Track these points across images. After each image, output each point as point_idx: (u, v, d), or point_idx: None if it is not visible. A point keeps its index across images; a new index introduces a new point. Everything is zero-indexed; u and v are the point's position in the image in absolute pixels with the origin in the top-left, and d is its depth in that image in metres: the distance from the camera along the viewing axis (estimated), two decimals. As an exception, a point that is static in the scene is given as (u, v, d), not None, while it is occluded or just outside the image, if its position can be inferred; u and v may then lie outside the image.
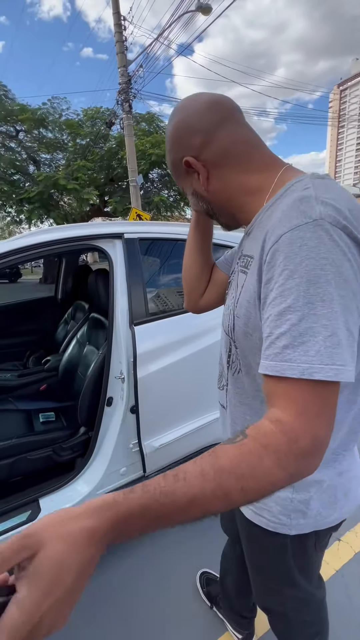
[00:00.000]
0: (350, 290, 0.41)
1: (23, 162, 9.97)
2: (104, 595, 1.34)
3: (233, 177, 0.56)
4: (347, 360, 0.40)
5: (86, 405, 1.49)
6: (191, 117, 0.55)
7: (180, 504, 0.36)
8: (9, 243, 1.21)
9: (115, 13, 7.06)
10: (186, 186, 0.62)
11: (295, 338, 0.41)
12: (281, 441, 0.38)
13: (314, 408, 0.40)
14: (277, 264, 0.43)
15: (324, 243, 0.41)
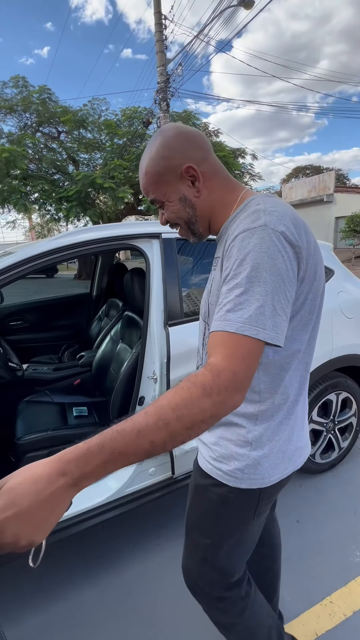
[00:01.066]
0: (281, 278, 0.55)
1: (63, 162, 10.38)
2: (114, 606, 1.36)
3: (218, 191, 0.70)
4: (267, 326, 0.53)
5: (118, 403, 1.51)
6: (193, 135, 0.68)
7: (129, 437, 0.45)
8: (54, 241, 1.25)
9: (156, 12, 7.11)
10: (173, 192, 0.69)
11: (237, 305, 0.54)
12: (206, 376, 0.50)
13: (239, 352, 0.52)
14: (232, 255, 0.58)
15: (265, 242, 0.56)
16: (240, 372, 0.51)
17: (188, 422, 0.47)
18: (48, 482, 0.42)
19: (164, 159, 0.67)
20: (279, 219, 0.58)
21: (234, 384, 0.50)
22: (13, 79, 9.78)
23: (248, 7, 6.95)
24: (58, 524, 1.14)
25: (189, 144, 0.67)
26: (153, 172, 0.68)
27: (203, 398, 0.48)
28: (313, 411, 1.80)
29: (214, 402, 0.48)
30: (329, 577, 1.37)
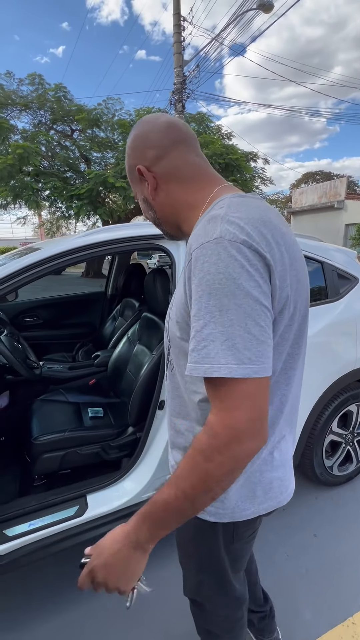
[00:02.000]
0: (250, 298, 0.47)
1: (76, 160, 10.40)
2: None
3: (178, 192, 0.63)
4: (242, 360, 0.46)
5: (137, 406, 1.47)
6: (151, 132, 0.62)
7: (161, 509, 0.51)
8: (82, 238, 1.23)
9: (175, 14, 7.12)
10: (138, 192, 0.68)
11: (199, 342, 0.48)
12: (203, 440, 0.48)
13: (232, 402, 0.47)
14: (194, 275, 0.50)
15: (222, 259, 0.47)
16: (239, 423, 0.47)
17: (201, 489, 0.49)
18: (119, 543, 0.54)
19: (127, 158, 0.66)
20: (240, 227, 0.48)
21: (236, 438, 0.47)
22: (30, 76, 9.84)
23: (267, 10, 6.93)
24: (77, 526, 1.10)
25: (142, 141, 0.63)
26: (126, 170, 0.68)
27: (206, 464, 0.48)
28: (333, 422, 1.76)
29: (220, 463, 0.47)
30: (350, 596, 1.32)
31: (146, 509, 0.52)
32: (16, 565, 1.16)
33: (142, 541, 0.53)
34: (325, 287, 1.67)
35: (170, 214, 0.66)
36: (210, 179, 0.64)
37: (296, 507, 1.75)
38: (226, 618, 0.84)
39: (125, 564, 0.54)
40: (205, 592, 0.80)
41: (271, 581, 1.37)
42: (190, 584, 0.82)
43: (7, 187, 8.73)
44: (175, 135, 0.63)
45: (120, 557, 0.54)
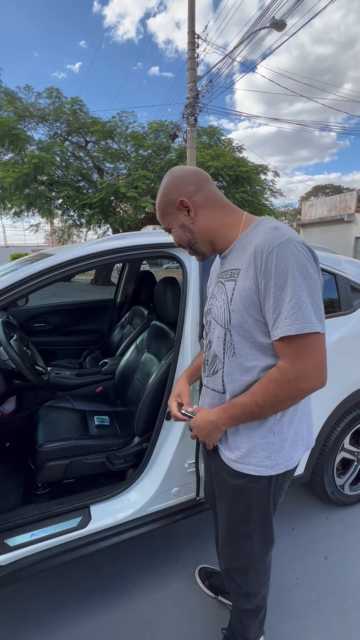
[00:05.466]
0: (312, 279, 0.71)
1: (89, 170, 10.65)
2: (107, 595, 1.27)
3: (216, 215, 0.83)
4: (313, 320, 0.69)
5: (144, 416, 1.44)
6: (185, 174, 0.83)
7: (237, 407, 0.80)
8: (94, 245, 1.23)
9: (190, 32, 7.33)
10: (175, 220, 0.85)
11: (290, 310, 0.69)
12: (277, 376, 0.74)
13: (304, 353, 0.71)
14: (271, 270, 0.71)
15: (294, 252, 0.70)
16: (307, 367, 0.71)
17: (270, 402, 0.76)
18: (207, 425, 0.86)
19: (164, 196, 0.84)
20: (295, 234, 0.74)
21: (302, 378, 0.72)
22: (47, 90, 10.20)
23: (280, 29, 7.09)
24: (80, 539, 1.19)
25: (181, 181, 0.82)
26: (159, 206, 0.86)
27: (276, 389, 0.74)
28: (345, 439, 1.70)
29: (286, 391, 0.73)
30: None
31: (227, 405, 0.82)
32: (16, 577, 1.13)
33: (219, 424, 0.84)
34: (338, 299, 1.64)
35: (207, 234, 0.84)
36: (235, 208, 0.86)
37: (306, 527, 1.68)
38: (267, 569, 1.03)
39: (211, 433, 0.87)
40: (255, 547, 0.95)
41: (280, 606, 1.31)
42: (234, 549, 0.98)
43: (21, 195, 8.96)
44: (203, 175, 0.84)
45: (207, 428, 0.86)
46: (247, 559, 0.97)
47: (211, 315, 0.87)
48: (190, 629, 1.24)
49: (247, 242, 0.78)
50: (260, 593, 1.03)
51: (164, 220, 0.87)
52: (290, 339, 0.70)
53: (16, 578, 1.13)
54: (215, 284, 0.89)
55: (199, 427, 0.88)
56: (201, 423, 0.87)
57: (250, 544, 0.94)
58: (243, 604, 1.06)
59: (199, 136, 10.37)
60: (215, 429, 0.85)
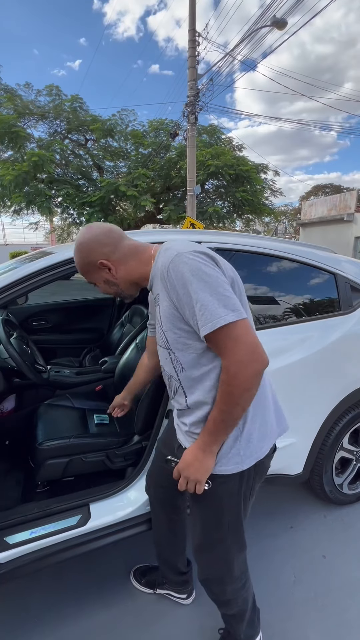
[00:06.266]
0: (210, 277, 0.75)
1: (89, 168, 10.63)
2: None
3: (134, 262, 0.91)
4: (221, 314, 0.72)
5: (143, 414, 1.44)
6: (99, 236, 0.89)
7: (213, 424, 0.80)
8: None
9: (190, 30, 7.31)
10: (98, 278, 0.93)
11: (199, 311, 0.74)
12: (224, 378, 0.77)
13: (232, 343, 0.74)
14: (174, 284, 0.77)
15: (185, 263, 0.76)
16: (241, 355, 0.73)
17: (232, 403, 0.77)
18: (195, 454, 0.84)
19: (83, 259, 0.90)
20: (184, 246, 0.80)
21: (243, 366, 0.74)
22: (47, 87, 10.16)
23: (281, 27, 7.07)
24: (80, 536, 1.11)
25: (96, 244, 0.88)
26: (79, 266, 0.93)
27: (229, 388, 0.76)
28: (344, 438, 1.71)
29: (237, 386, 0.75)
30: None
31: (206, 427, 0.82)
32: (15, 574, 1.13)
33: (207, 446, 0.82)
34: (338, 299, 1.64)
35: (130, 280, 0.92)
36: (143, 245, 0.93)
37: (304, 526, 1.69)
38: (243, 574, 1.03)
39: (198, 461, 0.83)
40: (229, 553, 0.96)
41: (278, 604, 1.32)
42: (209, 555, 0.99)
43: (21, 193, 8.93)
44: (116, 234, 0.91)
45: (195, 457, 0.83)
46: (222, 566, 0.98)
47: (158, 341, 0.91)
48: (189, 626, 1.25)
49: (155, 270, 0.86)
50: (240, 597, 1.03)
51: (87, 277, 0.94)
52: (213, 337, 0.74)
53: (15, 575, 1.13)
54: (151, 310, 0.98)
55: (186, 462, 0.85)
56: (189, 455, 0.84)
57: (223, 549, 0.95)
58: (226, 611, 1.07)
59: (199, 135, 10.35)
60: (202, 456, 0.82)
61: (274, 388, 1.00)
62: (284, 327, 1.51)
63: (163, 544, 1.27)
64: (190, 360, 0.83)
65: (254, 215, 11.60)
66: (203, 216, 9.91)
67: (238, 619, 1.07)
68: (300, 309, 1.60)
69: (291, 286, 1.62)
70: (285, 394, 1.48)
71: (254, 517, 1.69)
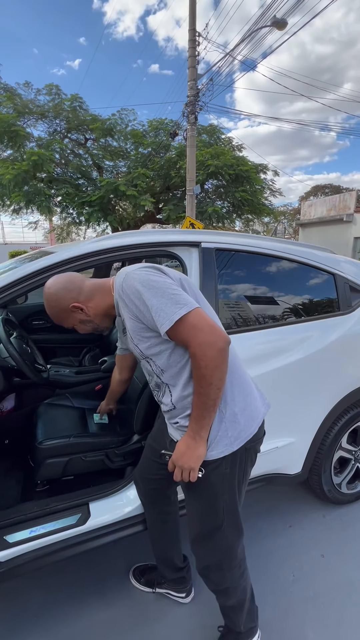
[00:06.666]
0: (157, 283, 0.85)
1: (88, 167, 10.60)
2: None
3: (100, 296, 1.00)
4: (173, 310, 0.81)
5: (143, 414, 1.45)
6: (64, 284, 1.00)
7: (197, 410, 0.86)
8: (94, 244, 1.23)
9: (190, 29, 7.30)
10: (73, 320, 1.02)
11: (156, 314, 0.83)
12: (193, 362, 0.84)
13: (191, 333, 0.82)
14: (131, 299, 0.87)
15: (134, 278, 0.87)
16: (200, 338, 0.81)
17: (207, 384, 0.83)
18: (188, 442, 0.89)
19: (54, 308, 1.00)
20: (132, 267, 0.91)
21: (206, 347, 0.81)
22: (47, 86, 10.12)
23: (281, 28, 7.07)
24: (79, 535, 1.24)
25: (63, 291, 0.98)
26: (54, 316, 1.02)
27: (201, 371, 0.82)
28: (342, 438, 1.71)
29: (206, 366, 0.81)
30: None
31: (191, 415, 0.88)
32: (15, 573, 1.13)
33: (196, 433, 0.87)
34: (337, 299, 1.65)
35: (100, 314, 1.02)
36: (103, 280, 1.03)
37: (303, 525, 1.70)
38: (240, 561, 1.05)
39: (189, 449, 0.88)
40: (226, 539, 0.99)
41: (277, 602, 1.32)
42: (206, 543, 1.01)
43: (20, 192, 8.91)
44: (76, 278, 1.02)
45: (186, 446, 0.88)
46: (220, 553, 1.01)
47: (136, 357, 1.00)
48: (189, 624, 1.25)
49: (116, 294, 0.95)
50: (239, 586, 1.06)
51: (64, 323, 1.03)
52: (174, 332, 0.82)
53: (15, 574, 1.13)
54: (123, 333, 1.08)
55: (179, 452, 0.90)
56: (181, 446, 0.89)
57: (220, 536, 0.99)
58: (225, 601, 1.09)
59: (199, 134, 10.34)
60: (193, 443, 0.87)
61: (273, 387, 1.04)
62: (283, 327, 1.52)
63: (158, 539, 1.29)
64: (165, 361, 0.90)
65: (253, 215, 11.59)
66: (202, 216, 9.91)
67: (237, 610, 1.09)
68: (299, 309, 1.61)
69: (290, 286, 1.62)
70: (284, 393, 1.50)
71: (253, 516, 1.70)
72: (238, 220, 12.11)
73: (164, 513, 1.25)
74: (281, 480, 1.59)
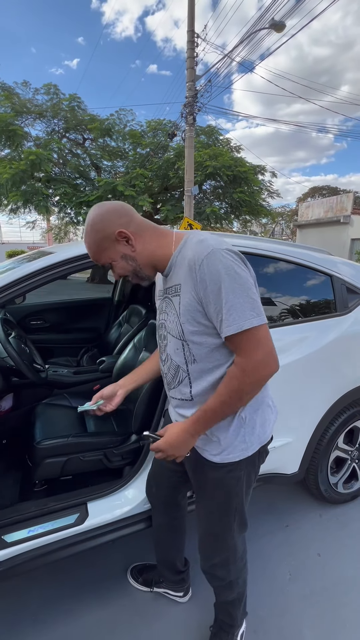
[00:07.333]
0: (242, 279, 0.77)
1: (86, 167, 10.59)
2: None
3: (152, 239, 0.86)
4: (249, 316, 0.75)
5: (141, 414, 1.45)
6: (113, 207, 0.85)
7: (209, 413, 0.83)
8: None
9: (189, 30, 7.32)
10: (115, 253, 0.86)
11: (228, 311, 0.76)
12: (236, 372, 0.79)
13: (253, 345, 0.77)
14: (205, 279, 0.77)
15: (221, 260, 0.76)
16: (259, 356, 0.77)
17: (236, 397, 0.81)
18: (181, 436, 0.86)
19: (99, 232, 0.84)
20: (218, 242, 0.79)
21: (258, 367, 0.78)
22: (45, 86, 10.11)
23: (279, 30, 7.11)
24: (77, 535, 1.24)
25: (111, 214, 0.83)
26: (94, 244, 0.85)
27: (238, 384, 0.79)
28: (339, 438, 1.73)
29: (248, 383, 0.79)
30: (358, 621, 1.27)
31: (198, 414, 0.84)
32: (13, 573, 1.13)
33: (193, 432, 0.85)
34: (334, 300, 1.66)
35: (148, 258, 0.87)
36: (164, 229, 0.91)
37: (300, 524, 1.71)
38: (244, 552, 1.08)
39: (184, 444, 0.86)
40: (235, 537, 1.00)
41: (273, 601, 1.33)
42: (216, 543, 1.02)
43: (18, 192, 8.88)
44: (128, 206, 0.88)
45: (181, 440, 0.86)
46: (228, 548, 1.02)
47: (165, 329, 0.92)
48: (186, 623, 1.26)
49: (181, 259, 0.84)
50: (240, 578, 1.09)
51: (103, 256, 0.87)
52: (236, 337, 0.76)
53: (13, 574, 1.14)
54: (162, 299, 0.94)
55: (171, 443, 0.86)
56: (175, 437, 0.86)
57: (231, 535, 1.00)
58: (227, 596, 1.09)
59: (197, 135, 10.36)
60: (189, 440, 0.86)
61: (270, 388, 1.02)
62: (280, 328, 1.53)
63: (163, 544, 1.29)
64: (203, 353, 0.85)
65: (251, 216, 11.63)
66: (201, 217, 9.93)
67: (237, 604, 1.11)
68: (296, 310, 1.62)
69: (288, 287, 1.64)
70: (281, 394, 1.50)
71: (250, 516, 1.69)
72: (236, 221, 12.15)
73: (174, 519, 1.24)
74: (278, 480, 1.60)
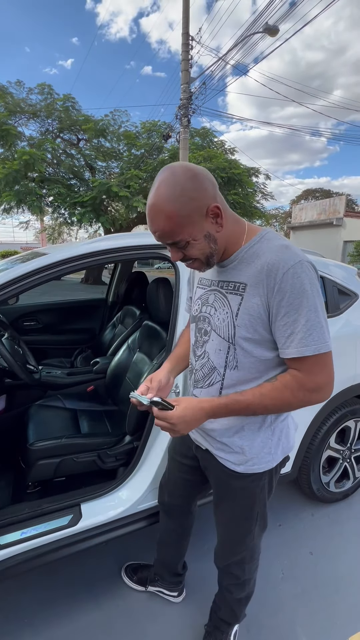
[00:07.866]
0: (321, 300, 0.74)
1: (80, 168, 10.55)
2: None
3: (229, 224, 0.76)
4: (327, 340, 0.73)
5: (135, 415, 1.46)
6: (207, 174, 0.71)
7: (241, 406, 0.77)
8: (87, 245, 1.24)
9: (184, 33, 7.37)
10: (199, 231, 0.71)
11: (307, 331, 0.71)
12: (293, 385, 0.75)
13: (319, 368, 0.74)
14: (286, 290, 0.70)
15: (308, 275, 0.71)
16: (321, 380, 0.75)
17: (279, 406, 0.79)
18: (198, 415, 0.78)
19: (193, 201, 0.67)
20: (301, 253, 0.74)
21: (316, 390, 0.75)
22: (39, 86, 10.05)
23: (273, 34, 7.19)
24: (71, 536, 1.22)
25: (209, 183, 0.70)
26: (179, 214, 0.67)
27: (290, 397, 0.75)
28: (331, 437, 1.75)
29: (299, 400, 0.76)
30: (347, 618, 1.29)
31: (228, 401, 0.78)
32: (6, 575, 1.13)
33: (212, 415, 0.79)
34: (326, 302, 1.69)
35: (224, 243, 0.76)
36: (238, 216, 0.81)
37: (292, 523, 1.73)
38: (259, 553, 1.08)
39: (197, 423, 0.79)
40: (255, 538, 1.01)
41: (266, 599, 1.34)
42: (235, 545, 1.02)
43: (11, 192, 8.81)
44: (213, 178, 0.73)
45: (197, 419, 0.78)
46: (246, 549, 1.02)
47: (210, 325, 0.83)
48: (181, 623, 1.26)
49: (251, 255, 0.75)
50: (253, 578, 1.09)
51: (183, 232, 0.69)
52: (308, 357, 0.72)
53: (6, 576, 1.13)
54: (210, 291, 0.83)
55: (184, 418, 0.76)
56: (191, 415, 0.76)
57: (251, 537, 1.00)
58: (238, 594, 1.09)
59: (191, 137, 10.40)
60: (203, 420, 0.79)
61: None
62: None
63: (168, 547, 1.29)
64: (248, 362, 0.79)
65: (245, 218, 11.69)
66: (195, 218, 9.93)
67: (244, 602, 1.12)
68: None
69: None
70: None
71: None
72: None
73: (182, 526, 1.24)
74: (271, 480, 1.62)
